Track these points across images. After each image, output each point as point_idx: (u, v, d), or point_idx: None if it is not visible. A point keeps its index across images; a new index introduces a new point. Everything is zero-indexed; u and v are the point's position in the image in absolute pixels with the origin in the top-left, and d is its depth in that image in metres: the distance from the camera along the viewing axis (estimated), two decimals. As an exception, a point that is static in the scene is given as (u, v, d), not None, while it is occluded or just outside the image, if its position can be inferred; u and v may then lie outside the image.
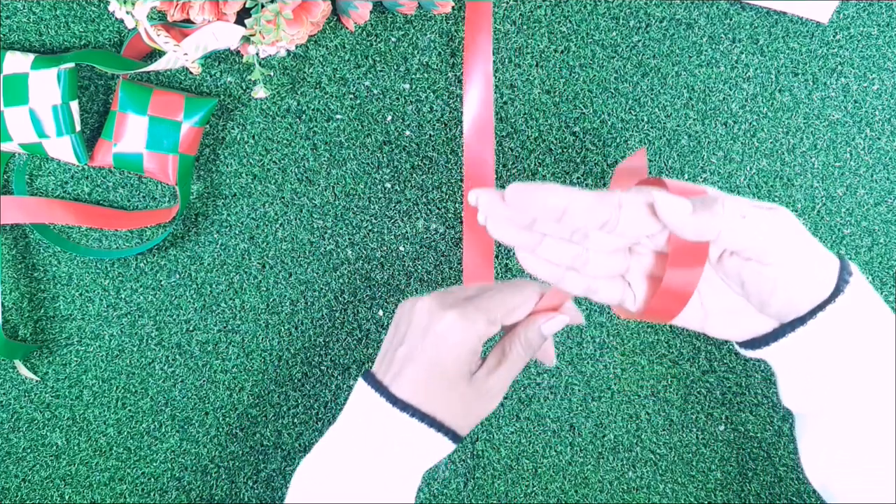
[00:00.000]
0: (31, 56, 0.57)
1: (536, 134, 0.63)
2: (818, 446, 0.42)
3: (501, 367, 0.46)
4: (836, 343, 0.39)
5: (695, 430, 0.65)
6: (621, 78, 0.63)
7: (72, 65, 0.57)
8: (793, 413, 0.45)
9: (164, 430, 0.64)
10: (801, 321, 0.40)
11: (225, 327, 0.63)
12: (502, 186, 0.63)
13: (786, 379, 0.42)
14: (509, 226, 0.38)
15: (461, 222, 0.63)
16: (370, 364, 0.64)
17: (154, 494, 0.64)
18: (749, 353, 0.43)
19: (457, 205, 0.63)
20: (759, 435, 0.65)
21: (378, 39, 0.62)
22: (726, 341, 0.64)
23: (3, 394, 0.63)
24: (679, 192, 0.37)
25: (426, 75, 0.62)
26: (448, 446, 0.45)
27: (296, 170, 0.63)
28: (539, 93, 0.63)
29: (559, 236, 0.39)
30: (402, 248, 0.64)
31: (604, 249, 0.40)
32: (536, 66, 0.63)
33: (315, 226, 0.63)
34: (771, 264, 0.38)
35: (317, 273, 0.63)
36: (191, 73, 0.60)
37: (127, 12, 0.54)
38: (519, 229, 0.38)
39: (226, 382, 0.64)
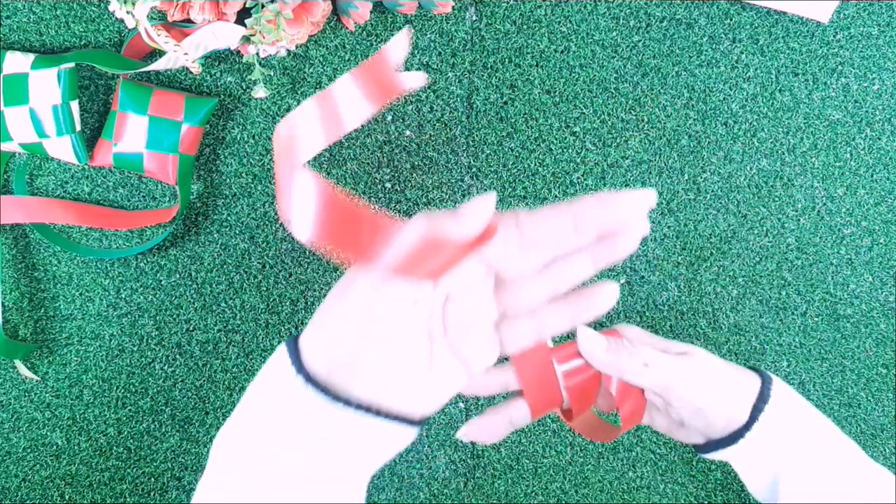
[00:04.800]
0: (32, 56, 0.57)
1: (536, 134, 0.63)
2: None
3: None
4: (772, 448, 0.45)
5: (695, 430, 0.65)
6: (621, 78, 0.63)
7: (72, 65, 0.57)
8: None
9: (164, 429, 0.64)
10: (728, 441, 0.46)
11: (225, 327, 0.63)
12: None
13: (743, 476, 0.47)
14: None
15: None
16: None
17: (154, 494, 0.64)
18: (704, 456, 0.48)
19: (456, 205, 0.63)
20: (759, 435, 0.65)
21: (378, 39, 0.62)
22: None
23: (4, 394, 0.63)
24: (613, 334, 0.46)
25: (426, 75, 0.62)
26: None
27: (296, 170, 0.63)
28: (539, 93, 0.63)
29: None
30: (402, 248, 0.64)
31: None
32: (536, 66, 0.63)
33: (315, 226, 0.63)
34: (672, 404, 0.45)
35: (317, 273, 0.63)
36: (191, 72, 0.60)
37: (127, 12, 0.54)
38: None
39: (226, 382, 0.64)
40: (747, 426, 0.44)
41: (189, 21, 0.55)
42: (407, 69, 0.62)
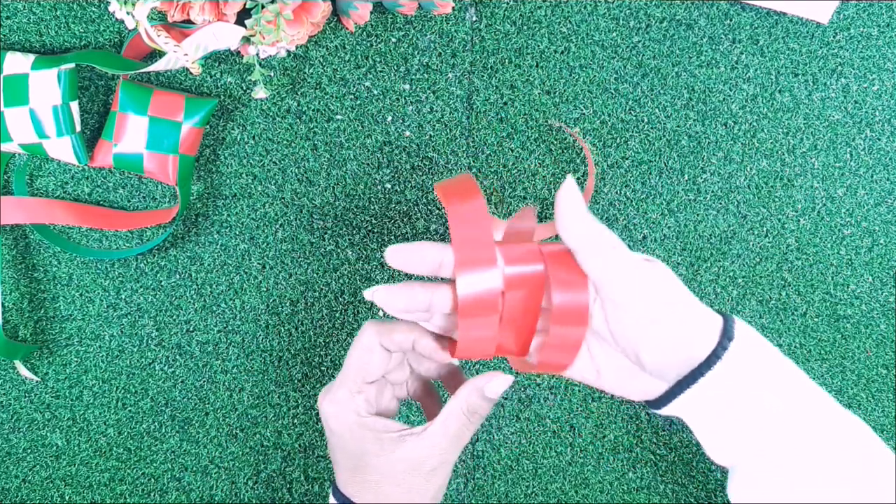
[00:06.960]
0: (32, 56, 0.57)
1: (536, 134, 0.63)
2: (747, 497, 0.41)
3: (437, 435, 0.43)
4: (735, 396, 0.40)
5: (695, 430, 0.65)
6: (621, 78, 0.63)
7: (72, 65, 0.57)
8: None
9: (164, 430, 0.64)
10: (686, 382, 0.40)
11: (225, 328, 0.63)
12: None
13: (701, 435, 0.42)
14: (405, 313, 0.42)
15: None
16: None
17: (154, 495, 0.64)
18: (658, 412, 0.43)
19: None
20: (759, 435, 0.65)
21: (378, 40, 0.62)
22: None
23: (4, 394, 0.63)
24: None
25: (426, 76, 0.62)
26: None
27: (296, 170, 0.63)
28: (539, 93, 0.63)
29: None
30: (402, 249, 0.64)
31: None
32: (536, 66, 0.63)
33: (315, 226, 0.63)
34: (622, 305, 0.39)
35: (317, 273, 0.63)
36: (191, 73, 0.60)
37: (127, 13, 0.54)
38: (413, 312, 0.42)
39: (226, 383, 0.64)
40: (708, 364, 0.39)
41: (189, 22, 0.55)
42: (407, 70, 0.62)
